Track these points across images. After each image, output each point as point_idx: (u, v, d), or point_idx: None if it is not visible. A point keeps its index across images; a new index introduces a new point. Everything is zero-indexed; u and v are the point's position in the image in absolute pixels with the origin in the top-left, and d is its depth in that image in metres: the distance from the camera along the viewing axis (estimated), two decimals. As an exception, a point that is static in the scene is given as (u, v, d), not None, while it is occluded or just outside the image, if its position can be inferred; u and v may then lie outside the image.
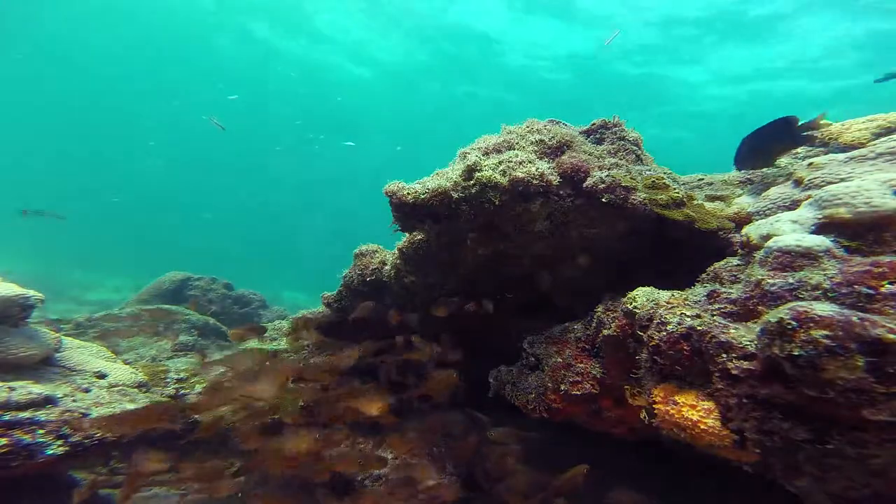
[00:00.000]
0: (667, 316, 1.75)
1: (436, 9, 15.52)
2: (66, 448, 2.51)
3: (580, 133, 2.83)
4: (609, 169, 2.41)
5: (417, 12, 15.82)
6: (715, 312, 1.70)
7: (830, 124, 2.57)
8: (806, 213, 1.89)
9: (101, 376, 3.16)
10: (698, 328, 1.63)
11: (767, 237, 1.84)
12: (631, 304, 1.98)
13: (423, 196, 2.36)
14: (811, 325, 1.25)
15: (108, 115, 29.04)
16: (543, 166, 2.36)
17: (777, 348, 1.32)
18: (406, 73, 20.42)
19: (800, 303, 1.35)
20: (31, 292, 2.93)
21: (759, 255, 1.75)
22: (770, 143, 2.39)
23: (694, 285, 2.04)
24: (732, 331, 1.55)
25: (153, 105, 27.47)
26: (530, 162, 2.37)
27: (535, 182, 2.30)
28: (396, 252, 3.05)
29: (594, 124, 2.87)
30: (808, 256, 1.59)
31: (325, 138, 25.76)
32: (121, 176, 36.61)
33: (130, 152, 33.07)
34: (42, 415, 2.55)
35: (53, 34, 20.23)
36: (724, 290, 1.77)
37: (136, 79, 25.43)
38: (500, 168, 2.33)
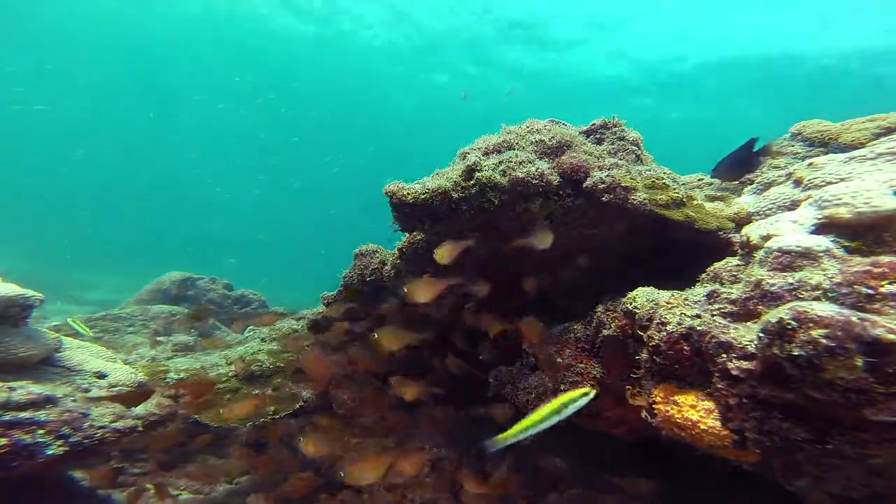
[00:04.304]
0: (667, 316, 1.75)
1: None
2: (66, 448, 2.51)
3: (580, 133, 2.83)
4: (609, 169, 2.41)
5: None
6: (715, 312, 1.70)
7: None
8: (806, 214, 1.89)
9: (101, 376, 3.16)
10: (698, 328, 1.63)
11: (767, 237, 1.84)
12: (631, 304, 1.98)
13: (422, 196, 2.36)
14: (811, 325, 1.25)
15: (109, 114, 29.06)
16: (543, 166, 2.37)
17: (777, 348, 1.32)
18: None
19: (800, 303, 1.35)
20: (31, 292, 2.93)
21: (758, 255, 1.75)
22: (739, 163, 2.67)
23: (694, 285, 2.04)
24: (732, 331, 1.55)
25: (154, 104, 27.49)
26: (530, 162, 2.37)
27: (534, 182, 2.30)
28: (396, 252, 3.05)
29: (594, 124, 2.87)
30: (807, 256, 1.59)
31: (297, 140, 25.83)
32: (121, 176, 36.62)
33: (131, 152, 33.08)
34: (42, 415, 2.55)
35: (55, 29, 20.25)
36: (724, 290, 1.77)
37: (138, 78, 25.47)
38: (500, 168, 2.33)
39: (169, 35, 21.37)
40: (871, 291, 1.39)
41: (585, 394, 1.40)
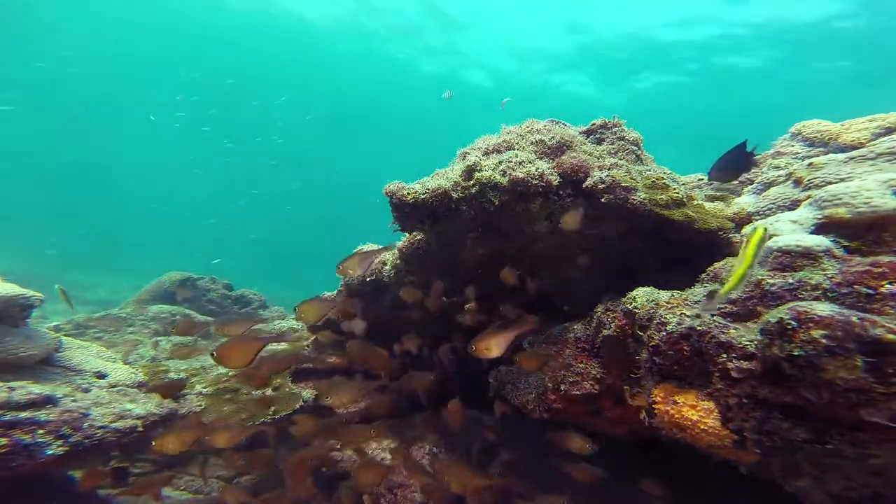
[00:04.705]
0: (667, 316, 1.75)
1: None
2: (66, 448, 2.51)
3: (580, 133, 2.83)
4: (609, 169, 2.41)
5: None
6: (715, 312, 1.70)
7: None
8: (806, 214, 1.89)
9: (101, 376, 3.16)
10: (698, 328, 1.63)
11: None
12: (631, 304, 1.98)
13: (422, 196, 2.36)
14: (811, 325, 1.25)
15: (108, 115, 29.08)
16: (543, 166, 2.37)
17: (777, 348, 1.32)
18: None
19: (800, 303, 1.35)
20: (31, 292, 2.93)
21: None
22: (734, 166, 2.54)
23: (694, 285, 2.04)
24: (732, 331, 1.55)
25: (154, 104, 27.50)
26: (530, 162, 2.37)
27: (534, 182, 2.30)
28: (396, 252, 3.06)
29: (594, 124, 2.87)
30: (807, 256, 1.59)
31: (277, 139, 25.79)
32: (122, 175, 36.66)
33: (131, 152, 33.13)
34: (42, 415, 2.55)
35: (52, 36, 20.26)
36: (723, 290, 1.77)
37: (137, 77, 25.48)
38: (500, 168, 2.33)
39: (168, 35, 21.40)
40: (871, 291, 1.39)
41: (766, 229, 1.48)
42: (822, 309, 1.27)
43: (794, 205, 2.15)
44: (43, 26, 19.79)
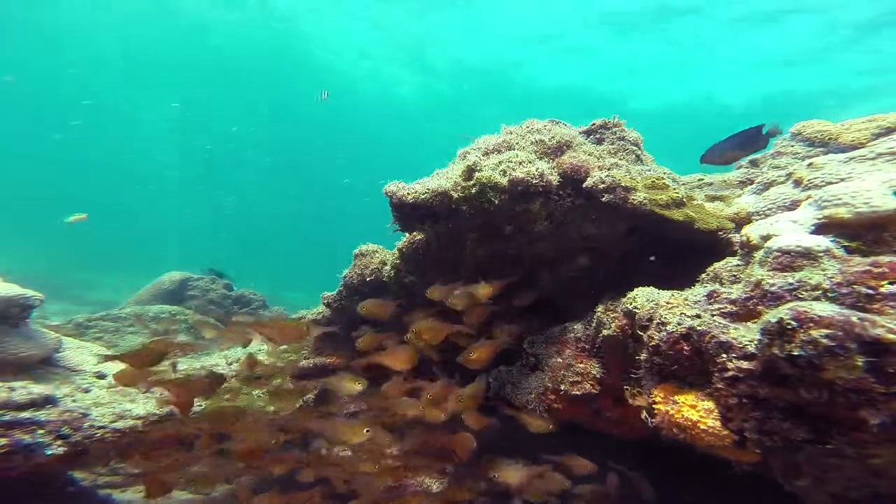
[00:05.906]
0: (667, 316, 1.75)
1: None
2: (66, 448, 2.51)
3: (580, 133, 2.83)
4: (609, 169, 2.41)
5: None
6: (715, 312, 1.70)
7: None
8: (806, 214, 1.89)
9: (101, 376, 3.16)
10: (698, 328, 1.63)
11: (767, 237, 1.84)
12: (631, 304, 1.98)
13: (423, 196, 2.36)
14: (811, 325, 1.25)
15: (107, 115, 29.09)
16: (543, 166, 2.37)
17: (777, 348, 1.32)
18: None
19: (800, 303, 1.34)
20: (32, 292, 2.93)
21: (758, 255, 1.75)
22: (742, 147, 2.51)
23: (694, 285, 2.04)
24: (732, 331, 1.55)
25: (154, 104, 27.50)
26: (530, 162, 2.37)
27: (534, 182, 2.30)
28: (396, 252, 3.06)
29: (594, 124, 2.88)
30: (807, 256, 1.59)
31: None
32: (120, 175, 36.68)
33: (130, 152, 33.15)
34: (42, 415, 2.55)
35: (54, 32, 20.28)
36: (724, 290, 1.77)
37: (135, 78, 25.50)
38: (500, 168, 2.33)
39: (174, 41, 21.41)
40: (871, 291, 1.39)
41: None
42: (822, 309, 1.26)
43: (794, 205, 2.15)
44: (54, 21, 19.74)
